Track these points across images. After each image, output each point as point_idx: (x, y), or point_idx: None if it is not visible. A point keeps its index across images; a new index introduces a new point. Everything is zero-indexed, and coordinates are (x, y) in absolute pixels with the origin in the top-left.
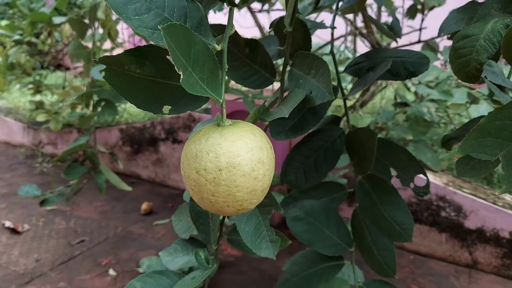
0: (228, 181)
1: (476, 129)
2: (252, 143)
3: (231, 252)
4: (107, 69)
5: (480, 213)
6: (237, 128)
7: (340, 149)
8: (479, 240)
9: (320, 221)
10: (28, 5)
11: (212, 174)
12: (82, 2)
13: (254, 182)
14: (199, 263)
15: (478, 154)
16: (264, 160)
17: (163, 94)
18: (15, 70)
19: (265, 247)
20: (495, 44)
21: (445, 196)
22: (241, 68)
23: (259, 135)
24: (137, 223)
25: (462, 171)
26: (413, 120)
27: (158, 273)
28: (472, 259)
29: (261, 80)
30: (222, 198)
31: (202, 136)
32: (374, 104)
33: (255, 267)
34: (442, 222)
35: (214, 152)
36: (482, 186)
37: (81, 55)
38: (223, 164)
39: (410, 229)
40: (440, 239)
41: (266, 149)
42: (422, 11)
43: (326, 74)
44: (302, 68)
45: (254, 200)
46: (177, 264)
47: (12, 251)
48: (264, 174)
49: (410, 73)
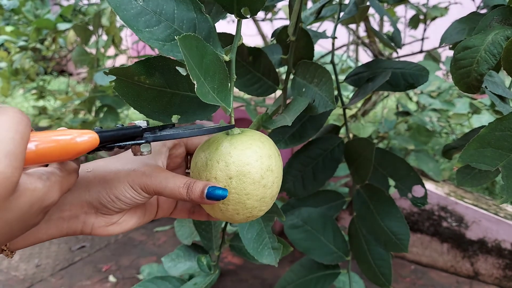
0: (238, 189)
1: (476, 139)
2: (261, 152)
3: (231, 260)
4: (117, 80)
5: (482, 224)
6: (246, 137)
7: (339, 158)
8: (480, 251)
9: (317, 229)
10: (33, 11)
11: (222, 182)
12: (86, 9)
13: (263, 190)
14: (201, 269)
15: (477, 164)
16: (273, 168)
17: (172, 103)
18: (19, 75)
19: (267, 254)
20: (496, 56)
21: (446, 206)
22: (244, 76)
23: (268, 143)
24: (138, 230)
25: (462, 180)
26: (415, 129)
27: (160, 279)
28: (473, 270)
29: (264, 88)
30: (232, 206)
31: (212, 145)
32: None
33: (255, 275)
34: (444, 232)
35: (224, 161)
36: (484, 196)
37: (84, 61)
38: (233, 173)
39: (406, 240)
40: (441, 250)
41: (275, 157)
42: (425, 21)
43: (328, 83)
44: (305, 76)
45: (263, 208)
46: (179, 270)
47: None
48: (273, 181)
49: (409, 85)
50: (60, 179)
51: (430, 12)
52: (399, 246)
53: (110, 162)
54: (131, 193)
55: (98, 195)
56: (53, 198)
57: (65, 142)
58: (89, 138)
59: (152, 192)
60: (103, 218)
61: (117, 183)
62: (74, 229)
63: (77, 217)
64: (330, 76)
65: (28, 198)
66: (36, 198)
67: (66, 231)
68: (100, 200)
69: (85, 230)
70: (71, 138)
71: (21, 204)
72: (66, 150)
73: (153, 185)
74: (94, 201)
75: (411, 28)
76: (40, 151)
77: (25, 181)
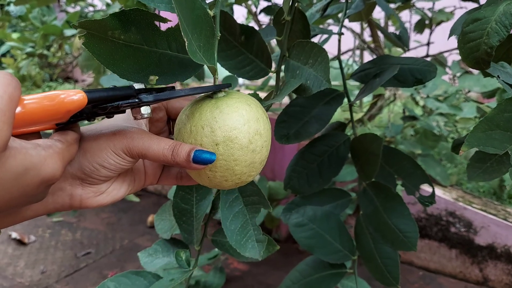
0: (225, 155)
1: (484, 121)
2: (249, 115)
3: (237, 266)
4: (87, 35)
5: (491, 229)
6: (231, 100)
7: (345, 155)
8: (490, 257)
9: (322, 227)
10: (40, 18)
11: (208, 149)
12: (93, 15)
13: (252, 155)
14: (179, 265)
15: (485, 147)
16: (261, 132)
17: (148, 63)
18: (26, 82)
19: (250, 247)
20: (507, 27)
21: (455, 211)
22: (235, 57)
23: (255, 105)
24: (143, 236)
25: (473, 175)
26: (422, 134)
27: (134, 274)
28: (482, 276)
29: (256, 71)
30: (220, 173)
31: (196, 110)
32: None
33: (261, 281)
34: (452, 237)
35: (209, 126)
36: (493, 202)
37: (91, 66)
38: (219, 138)
39: (414, 238)
40: (450, 255)
41: (263, 120)
42: (430, 26)
43: (324, 62)
44: (299, 58)
45: (252, 173)
46: (156, 266)
47: (18, 263)
48: (262, 146)
49: (417, 80)
50: (60, 150)
51: (436, 17)
52: (407, 244)
53: (89, 130)
54: (114, 159)
55: (80, 165)
56: (54, 169)
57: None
58: (77, 96)
59: (135, 155)
60: (90, 188)
61: (98, 150)
62: (62, 203)
63: (62, 189)
64: (327, 55)
65: (21, 161)
66: (30, 163)
67: (53, 206)
68: (83, 170)
69: (73, 203)
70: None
71: (14, 165)
72: (55, 110)
73: (136, 148)
74: (77, 172)
75: (416, 33)
76: (28, 111)
77: (17, 144)
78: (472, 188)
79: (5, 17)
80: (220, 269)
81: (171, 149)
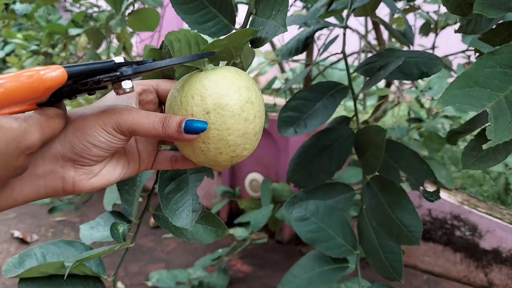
0: (217, 123)
1: (461, 77)
2: (239, 83)
3: (240, 268)
4: None
5: (496, 233)
6: (221, 70)
7: (349, 149)
8: (495, 261)
9: (324, 221)
10: (46, 17)
11: (200, 118)
12: (98, 15)
13: (245, 124)
14: (114, 238)
15: (461, 105)
16: (253, 100)
17: None
18: None
19: (185, 216)
20: None
21: (459, 215)
22: (197, 11)
23: (245, 76)
24: (146, 236)
25: (468, 163)
26: (427, 136)
27: (65, 243)
28: (487, 281)
29: (219, 27)
30: (213, 144)
31: (185, 83)
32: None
33: (265, 283)
34: (457, 241)
35: (199, 95)
36: (498, 206)
37: None
38: (210, 106)
39: (418, 232)
40: (454, 259)
41: (255, 90)
42: (435, 29)
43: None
44: (264, 13)
45: (247, 145)
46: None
47: None
48: (254, 115)
49: (423, 73)
50: (39, 121)
51: (441, 20)
52: (411, 239)
53: (78, 110)
54: (104, 136)
55: (70, 144)
56: (32, 139)
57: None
58: (56, 72)
59: (126, 132)
60: (82, 170)
61: (88, 128)
62: (54, 187)
63: (54, 172)
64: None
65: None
66: (11, 137)
67: (44, 190)
68: (73, 149)
69: (66, 187)
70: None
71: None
72: (34, 87)
73: (126, 123)
74: (67, 152)
75: (422, 36)
76: (6, 91)
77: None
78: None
79: (10, 16)
80: (224, 270)
81: (161, 121)
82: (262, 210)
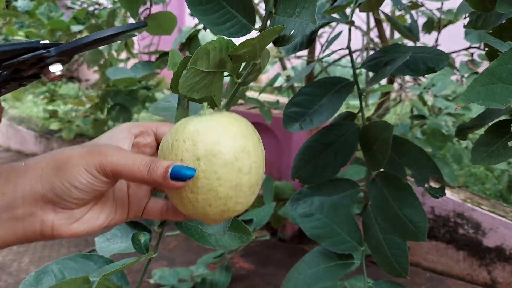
0: (207, 172)
1: (485, 73)
2: (235, 130)
3: (242, 265)
4: None
5: (500, 231)
6: (219, 115)
7: (354, 144)
8: (498, 259)
9: (329, 217)
10: (47, 14)
11: (189, 164)
12: (99, 12)
13: (238, 175)
14: (136, 250)
15: (485, 102)
16: (249, 150)
17: None
18: None
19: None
20: None
21: (463, 212)
22: (215, 12)
23: (244, 123)
24: None
25: (477, 159)
26: (430, 134)
27: (83, 257)
28: (490, 279)
29: (237, 27)
30: (202, 194)
31: (180, 126)
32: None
33: (268, 281)
34: (460, 239)
35: (191, 139)
36: (501, 203)
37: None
38: (201, 152)
39: (425, 228)
40: (457, 257)
41: (252, 139)
42: (438, 27)
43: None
44: (286, 11)
45: (240, 199)
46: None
47: (23, 259)
48: (250, 166)
49: (429, 69)
50: None
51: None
52: (417, 235)
53: (64, 149)
54: (86, 177)
55: (51, 185)
56: None
57: None
58: None
59: (109, 173)
60: (63, 214)
61: (70, 167)
62: (32, 230)
63: (33, 215)
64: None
65: None
66: None
67: (22, 233)
68: (54, 190)
69: (45, 230)
70: None
71: None
72: None
73: (110, 164)
74: (48, 192)
75: (424, 33)
76: None
77: None
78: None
79: (12, 13)
80: (226, 267)
81: (147, 165)
82: (265, 207)
